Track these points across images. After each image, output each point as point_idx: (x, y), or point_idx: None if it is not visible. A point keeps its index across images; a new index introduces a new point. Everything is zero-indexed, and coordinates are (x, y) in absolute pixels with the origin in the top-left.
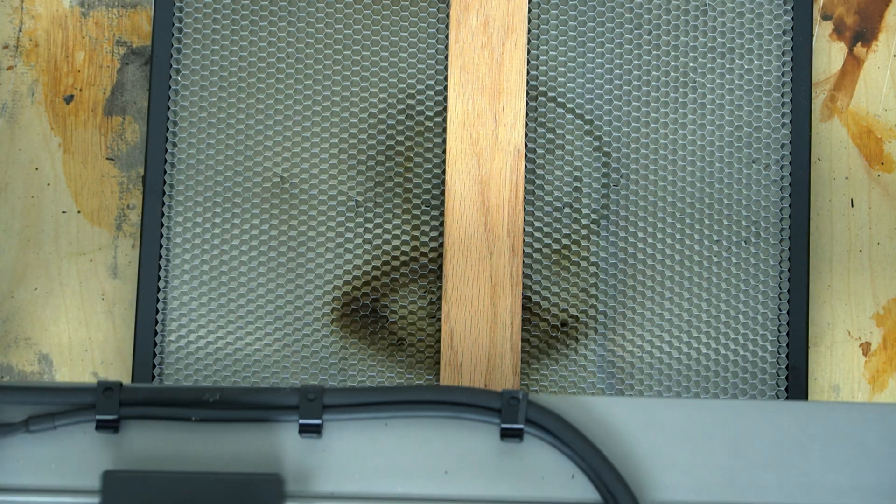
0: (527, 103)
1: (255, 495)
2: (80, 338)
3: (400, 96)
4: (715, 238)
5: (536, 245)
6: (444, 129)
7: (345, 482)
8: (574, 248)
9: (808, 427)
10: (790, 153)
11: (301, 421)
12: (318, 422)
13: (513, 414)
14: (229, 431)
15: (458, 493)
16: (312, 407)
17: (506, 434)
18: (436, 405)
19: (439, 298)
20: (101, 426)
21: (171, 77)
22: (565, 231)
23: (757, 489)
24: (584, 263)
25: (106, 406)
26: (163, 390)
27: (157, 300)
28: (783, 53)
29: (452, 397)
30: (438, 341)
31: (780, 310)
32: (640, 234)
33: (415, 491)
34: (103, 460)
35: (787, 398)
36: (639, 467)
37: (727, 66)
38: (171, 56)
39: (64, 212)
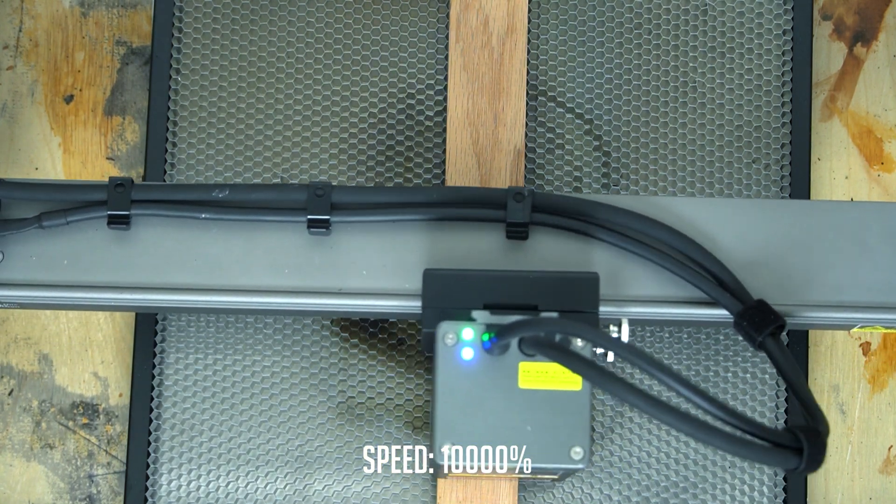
0: (527, 103)
1: (573, 293)
2: (80, 338)
3: (400, 96)
4: None
5: None
6: (444, 129)
7: (352, 278)
8: None
9: (811, 225)
10: (790, 153)
11: (309, 216)
12: (326, 217)
13: (518, 209)
14: (239, 229)
15: None
16: (320, 202)
17: (511, 231)
18: (442, 206)
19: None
20: (113, 222)
21: (171, 77)
22: None
23: (760, 286)
24: None
25: (117, 202)
26: (173, 187)
27: None
28: (783, 53)
29: (458, 196)
30: None
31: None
32: None
33: (420, 286)
34: (115, 256)
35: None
36: None
37: (727, 66)
38: (171, 56)
39: None
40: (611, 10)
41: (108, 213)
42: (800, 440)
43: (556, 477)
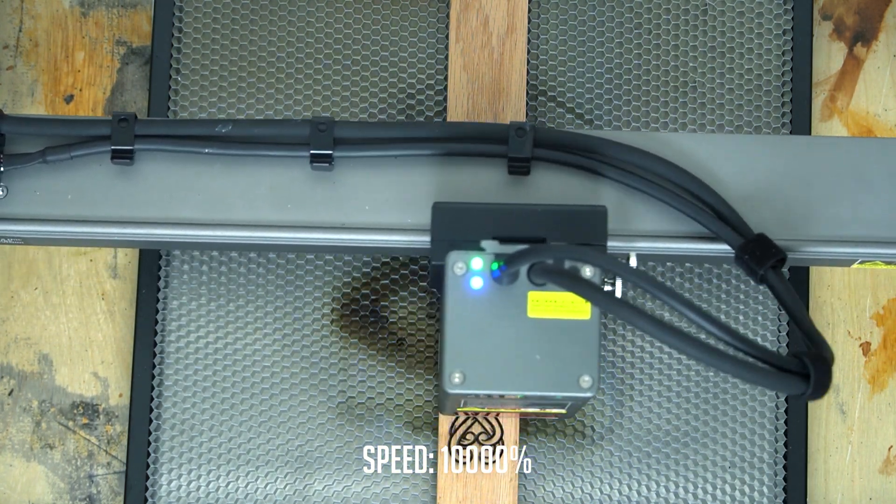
0: (527, 103)
1: (582, 226)
2: (80, 338)
3: (400, 96)
4: None
5: None
6: None
7: (355, 213)
8: None
9: (811, 160)
10: None
11: (312, 151)
12: (328, 152)
13: (520, 144)
14: (242, 164)
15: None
16: (323, 137)
17: (513, 167)
18: (444, 141)
19: (439, 299)
20: (116, 156)
21: (171, 77)
22: None
23: (761, 221)
24: None
25: (121, 136)
26: (176, 122)
27: (157, 300)
28: (783, 53)
29: (460, 131)
30: (438, 342)
31: (780, 310)
32: None
33: (424, 221)
34: (118, 191)
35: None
36: None
37: (727, 66)
38: (171, 56)
39: None
40: (611, 10)
41: (112, 147)
42: (806, 366)
43: (563, 411)
